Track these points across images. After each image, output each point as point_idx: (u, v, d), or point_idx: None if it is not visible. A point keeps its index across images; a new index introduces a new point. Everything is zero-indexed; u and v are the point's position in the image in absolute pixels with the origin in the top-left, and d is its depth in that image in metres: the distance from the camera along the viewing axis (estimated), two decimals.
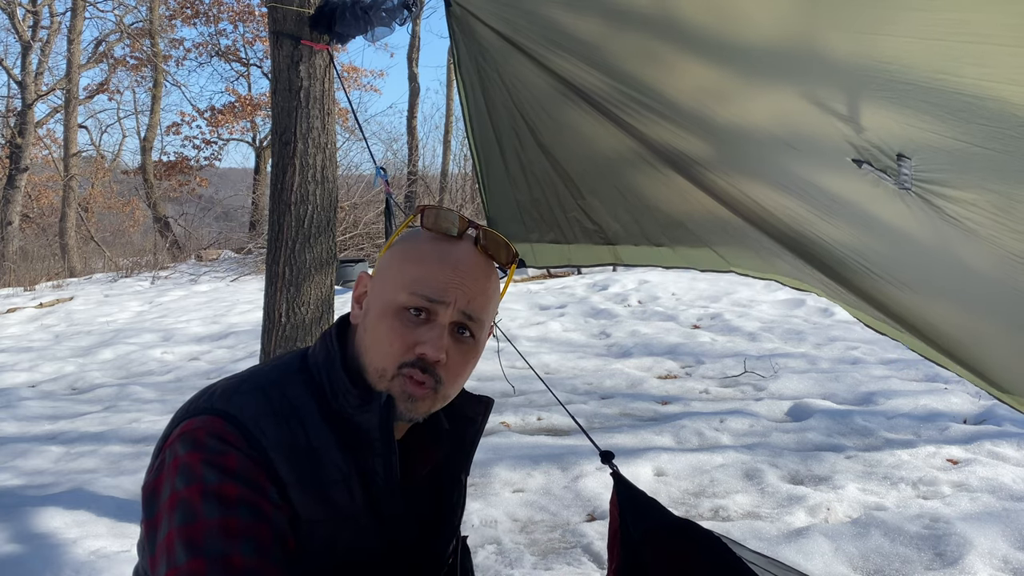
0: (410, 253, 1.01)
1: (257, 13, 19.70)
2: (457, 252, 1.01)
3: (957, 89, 0.70)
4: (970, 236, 0.92)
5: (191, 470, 0.90)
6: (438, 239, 1.01)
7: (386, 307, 0.99)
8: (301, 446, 0.95)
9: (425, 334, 0.97)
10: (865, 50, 0.77)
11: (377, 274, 1.04)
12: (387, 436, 0.98)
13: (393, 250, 1.04)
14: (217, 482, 0.89)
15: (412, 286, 0.98)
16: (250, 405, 0.95)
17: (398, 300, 0.98)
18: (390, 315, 0.98)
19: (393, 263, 1.02)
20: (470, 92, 2.22)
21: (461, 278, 0.99)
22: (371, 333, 1.00)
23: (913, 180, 0.90)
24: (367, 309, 1.02)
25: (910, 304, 1.44)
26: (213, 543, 0.86)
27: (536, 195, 2.33)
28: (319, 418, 0.98)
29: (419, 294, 0.97)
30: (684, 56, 1.22)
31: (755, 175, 1.47)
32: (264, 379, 1.00)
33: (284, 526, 0.92)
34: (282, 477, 0.93)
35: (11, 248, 16.92)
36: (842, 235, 1.35)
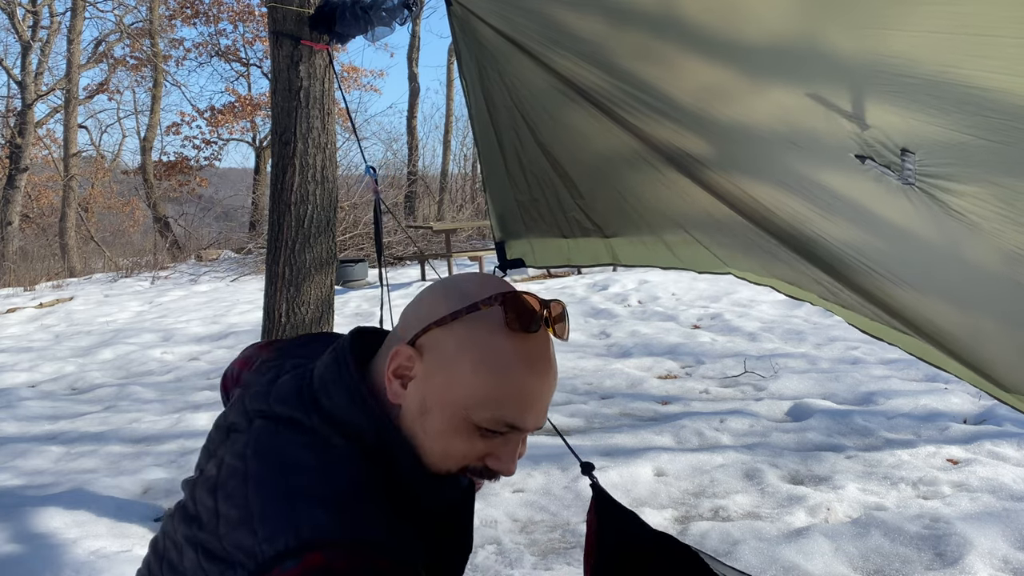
0: (488, 356, 0.86)
1: (257, 13, 19.70)
2: (539, 352, 0.88)
3: (963, 82, 0.70)
4: (974, 230, 0.91)
5: None
6: (517, 336, 0.87)
7: (457, 419, 0.87)
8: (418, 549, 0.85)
9: (500, 449, 0.89)
10: (870, 46, 0.77)
11: (433, 359, 0.88)
12: (469, 516, 0.95)
13: (458, 338, 0.87)
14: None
15: (492, 408, 0.86)
16: (373, 516, 0.81)
17: (473, 418, 0.86)
18: (463, 430, 0.87)
19: (464, 364, 0.86)
20: (471, 91, 2.22)
21: (546, 388, 0.89)
22: (436, 443, 0.88)
23: (917, 175, 0.90)
24: (424, 406, 0.88)
25: (911, 302, 1.44)
26: None
27: (536, 195, 2.33)
28: (402, 511, 0.86)
29: (503, 423, 0.86)
30: (686, 54, 1.22)
31: (757, 173, 1.47)
32: (348, 484, 0.84)
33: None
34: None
35: (11, 248, 16.92)
36: (843, 233, 1.35)
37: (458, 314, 0.88)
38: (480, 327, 0.87)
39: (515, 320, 0.87)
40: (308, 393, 0.92)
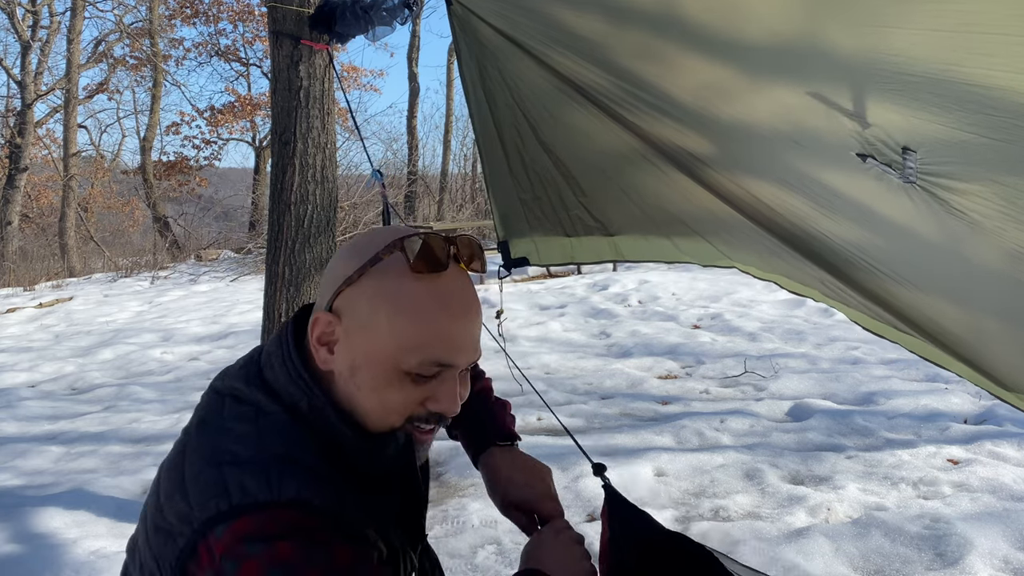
0: (399, 304, 0.86)
1: (257, 13, 19.70)
2: (454, 290, 0.88)
3: (964, 80, 0.70)
4: (975, 229, 0.91)
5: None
6: (425, 277, 0.86)
7: (388, 371, 0.87)
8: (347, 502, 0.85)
9: (438, 390, 0.88)
10: (871, 44, 0.77)
11: (352, 321, 0.88)
12: (412, 472, 0.93)
13: (370, 294, 0.87)
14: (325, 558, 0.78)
15: (418, 351, 0.86)
16: (303, 479, 0.82)
17: (402, 366, 0.86)
18: (395, 379, 0.87)
19: (379, 316, 0.86)
20: (472, 90, 2.22)
21: (469, 326, 0.89)
22: (369, 396, 0.88)
23: (918, 173, 0.89)
24: (353, 365, 0.88)
25: (913, 301, 1.44)
26: None
27: (538, 193, 2.33)
28: (339, 473, 0.87)
29: (430, 362, 0.86)
30: (687, 53, 1.22)
31: (758, 172, 1.46)
32: (276, 448, 0.85)
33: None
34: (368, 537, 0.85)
35: (11, 248, 16.92)
36: (845, 231, 1.35)
37: (363, 269, 0.88)
38: (386, 277, 0.87)
39: (420, 263, 0.86)
40: (254, 368, 0.93)
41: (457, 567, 2.95)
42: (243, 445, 0.85)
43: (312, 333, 0.91)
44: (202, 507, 0.80)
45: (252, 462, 0.83)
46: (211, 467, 0.83)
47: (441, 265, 0.87)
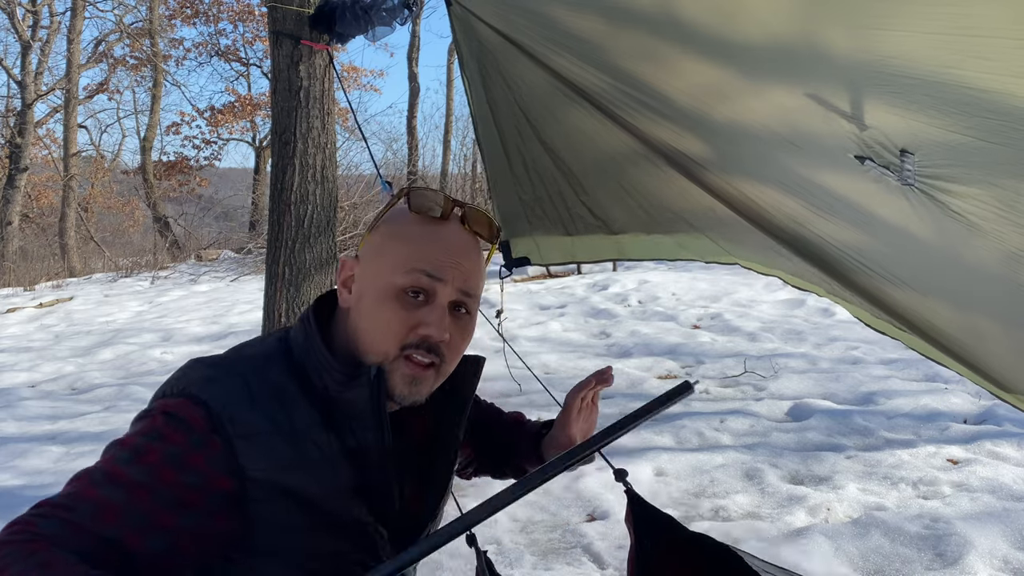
0: (400, 234, 1.00)
1: (257, 13, 19.70)
2: (446, 232, 1.01)
3: (961, 83, 0.70)
4: (973, 231, 0.91)
5: (135, 445, 0.90)
6: (425, 220, 1.00)
7: (384, 290, 0.98)
8: (281, 429, 0.94)
9: (427, 315, 0.98)
10: (868, 46, 0.77)
11: (365, 258, 1.03)
12: (378, 409, 0.97)
13: (380, 233, 1.03)
14: (160, 452, 0.89)
15: (409, 265, 0.98)
16: (223, 392, 0.94)
17: (396, 282, 0.98)
18: (390, 298, 0.98)
19: (383, 245, 1.01)
20: (473, 90, 2.22)
21: (456, 257, 1.00)
22: (369, 318, 0.99)
23: (916, 176, 0.89)
24: (360, 294, 1.01)
25: (911, 302, 1.44)
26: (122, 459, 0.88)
27: (540, 193, 2.33)
28: (302, 399, 0.97)
29: (418, 270, 0.97)
30: (685, 55, 1.22)
31: (755, 174, 1.46)
32: (245, 364, 0.98)
33: (217, 502, 0.91)
34: (243, 464, 0.91)
35: (11, 248, 16.92)
36: (843, 233, 1.35)
37: (380, 215, 1.04)
38: (394, 218, 1.02)
39: (417, 203, 1.00)
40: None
41: (457, 567, 2.95)
42: (221, 355, 1.01)
43: (339, 277, 1.06)
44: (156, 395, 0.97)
45: (208, 368, 0.97)
46: (185, 363, 1.00)
47: (435, 209, 1.00)
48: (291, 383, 0.97)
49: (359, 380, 0.97)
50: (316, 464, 0.96)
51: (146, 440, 0.90)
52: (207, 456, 0.90)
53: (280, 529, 0.94)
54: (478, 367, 1.15)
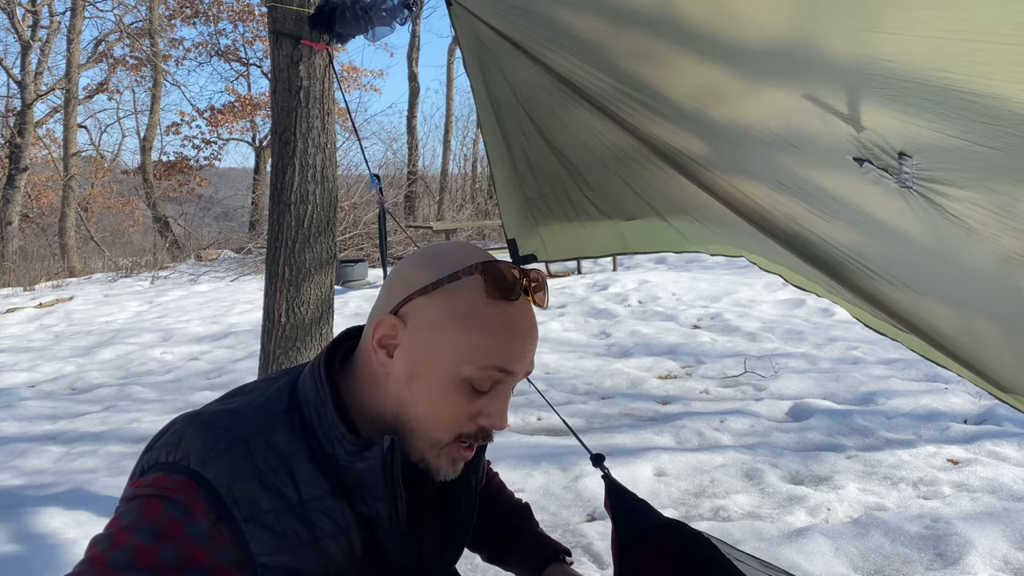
0: (470, 321, 0.90)
1: (257, 13, 19.70)
2: (517, 314, 0.93)
3: (959, 87, 0.70)
4: (971, 235, 0.92)
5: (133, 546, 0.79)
6: (496, 303, 0.91)
7: (448, 380, 0.90)
8: (291, 504, 0.86)
9: (490, 405, 0.92)
10: (866, 48, 0.77)
11: (417, 329, 0.92)
12: (391, 482, 0.90)
13: (439, 308, 0.91)
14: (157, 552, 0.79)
15: (483, 361, 0.90)
16: (227, 467, 0.84)
17: (463, 374, 0.90)
18: (453, 389, 0.90)
19: (445, 325, 0.90)
20: (476, 89, 2.23)
21: (528, 344, 0.94)
22: (425, 405, 0.91)
23: (915, 179, 0.90)
24: (411, 372, 0.91)
25: (910, 304, 1.44)
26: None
27: (544, 190, 2.33)
28: (310, 465, 0.89)
29: (493, 367, 0.90)
30: (684, 55, 1.22)
31: (753, 174, 1.46)
32: (248, 427, 0.89)
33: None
34: (254, 551, 0.84)
35: (11, 248, 16.92)
36: (841, 235, 1.35)
37: (439, 283, 0.92)
38: (461, 295, 0.91)
39: (495, 290, 0.91)
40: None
41: (457, 567, 2.95)
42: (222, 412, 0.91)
43: (374, 334, 0.93)
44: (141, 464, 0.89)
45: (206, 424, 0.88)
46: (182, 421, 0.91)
47: (514, 295, 0.92)
48: (299, 448, 0.89)
49: (371, 451, 0.89)
50: (330, 537, 0.89)
51: (142, 540, 0.80)
52: (211, 551, 0.82)
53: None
54: None
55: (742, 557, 1.43)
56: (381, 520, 0.92)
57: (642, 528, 1.36)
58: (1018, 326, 1.09)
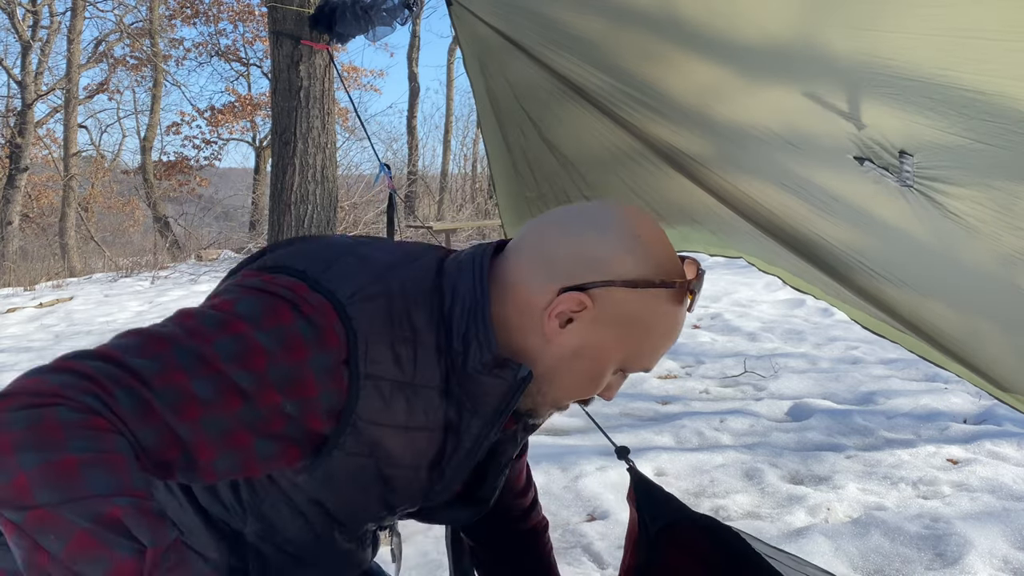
0: (655, 328, 0.90)
1: (257, 13, 19.69)
2: (683, 318, 0.93)
3: (959, 85, 0.70)
4: (972, 233, 0.92)
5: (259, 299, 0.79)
6: (681, 309, 0.91)
7: (606, 368, 0.91)
8: (406, 382, 0.84)
9: (615, 383, 0.95)
10: (867, 47, 0.77)
11: (608, 322, 0.88)
12: (503, 407, 0.88)
13: (642, 311, 0.88)
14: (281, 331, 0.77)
15: (641, 363, 0.92)
16: (369, 316, 0.81)
17: (622, 364, 0.92)
18: (605, 375, 0.92)
19: (636, 329, 0.89)
20: (476, 89, 2.23)
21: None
22: (575, 383, 0.92)
23: (915, 177, 0.90)
24: (580, 354, 0.89)
25: (910, 303, 1.45)
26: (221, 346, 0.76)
27: (543, 190, 2.34)
28: (434, 353, 0.86)
29: (643, 366, 0.93)
30: (685, 54, 1.22)
31: (754, 173, 1.47)
32: (397, 287, 0.85)
33: (303, 441, 0.81)
34: (356, 410, 0.81)
35: (11, 248, 16.92)
36: (842, 233, 1.35)
37: (651, 284, 0.88)
38: (661, 300, 0.89)
39: (691, 303, 0.92)
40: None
41: None
42: (377, 259, 0.88)
43: (555, 306, 0.88)
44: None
45: (363, 261, 0.87)
46: (336, 244, 0.90)
47: (692, 303, 0.93)
48: (430, 333, 0.85)
49: (504, 372, 0.87)
50: (418, 429, 0.88)
51: (261, 340, 0.76)
52: (322, 389, 0.79)
53: (342, 478, 0.87)
54: None
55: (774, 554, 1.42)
56: (467, 436, 0.90)
57: (669, 522, 1.35)
58: (1018, 326, 1.09)
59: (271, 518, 0.92)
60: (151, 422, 0.72)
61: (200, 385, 0.74)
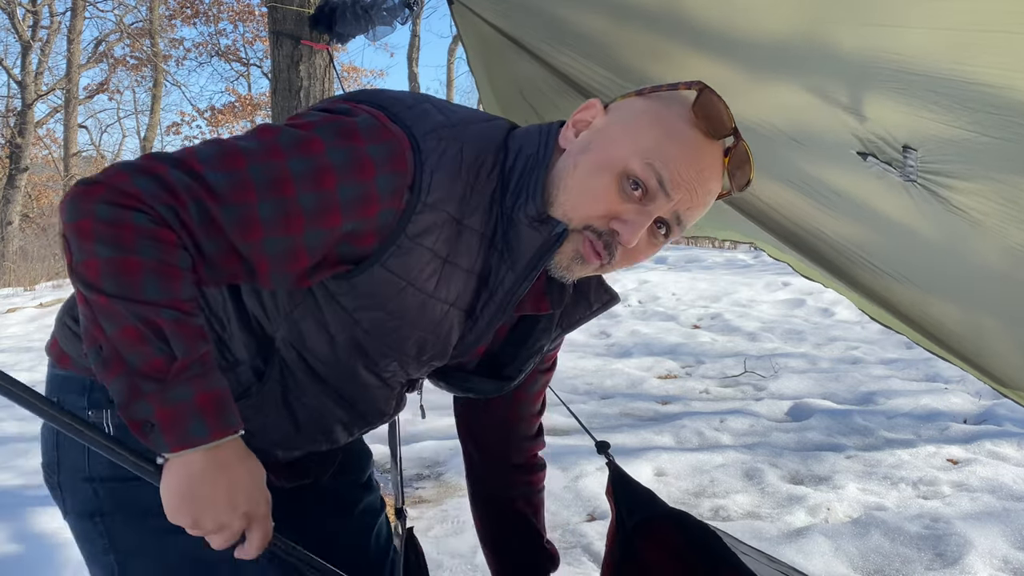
0: (664, 123, 0.90)
1: (257, 13, 19.69)
2: (707, 152, 0.91)
3: (965, 78, 0.70)
4: (976, 227, 0.91)
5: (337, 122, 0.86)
6: (699, 129, 0.90)
7: (610, 162, 0.90)
8: (457, 216, 0.89)
9: (631, 213, 0.90)
10: (872, 42, 0.77)
11: (615, 115, 0.94)
12: (536, 261, 0.92)
13: (648, 103, 0.93)
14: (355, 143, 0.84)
15: (652, 158, 0.89)
16: (439, 153, 0.87)
17: (627, 163, 0.89)
18: (611, 173, 0.90)
19: (641, 118, 0.91)
20: (482, 87, 2.23)
21: (697, 181, 0.91)
22: (579, 177, 0.91)
23: (919, 172, 0.90)
24: (586, 146, 0.93)
25: (913, 299, 1.44)
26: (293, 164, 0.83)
27: None
28: (488, 201, 0.91)
29: (656, 171, 0.89)
30: (689, 51, 1.22)
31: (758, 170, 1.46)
32: (469, 136, 0.91)
33: (349, 258, 0.88)
34: (408, 231, 0.87)
35: (11, 248, 16.91)
36: (846, 229, 1.35)
37: (658, 88, 0.94)
38: (671, 102, 0.92)
39: (701, 115, 0.90)
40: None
41: (457, 567, 2.95)
42: (455, 110, 0.94)
43: (576, 113, 0.97)
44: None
45: (440, 109, 0.92)
46: (416, 94, 0.95)
47: (713, 132, 0.90)
48: (489, 184, 0.91)
49: (544, 226, 0.91)
50: (457, 267, 0.92)
51: (335, 159, 0.84)
52: (382, 208, 0.86)
53: (377, 296, 0.91)
54: (609, 303, 1.11)
55: (746, 550, 1.43)
56: (501, 286, 0.95)
57: (645, 517, 1.36)
58: (1021, 320, 1.09)
59: (300, 327, 0.96)
60: (215, 236, 0.82)
61: (266, 208, 0.82)
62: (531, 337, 1.11)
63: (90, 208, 0.79)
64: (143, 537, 0.99)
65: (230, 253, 0.84)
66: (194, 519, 0.83)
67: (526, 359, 1.13)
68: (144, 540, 1.00)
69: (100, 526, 1.03)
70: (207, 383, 0.82)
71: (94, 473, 1.01)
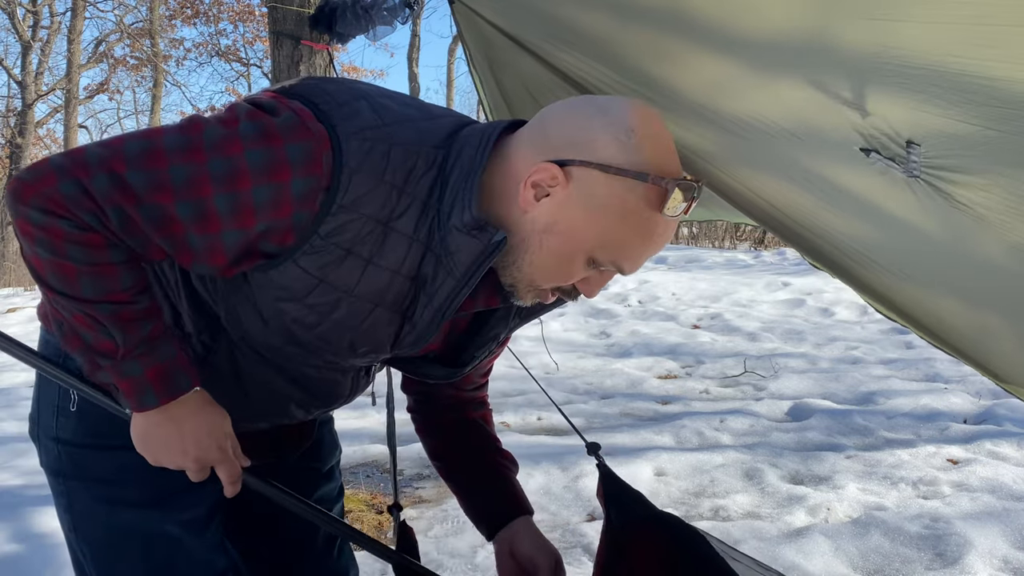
0: (630, 220, 0.90)
1: (257, 13, 19.69)
2: (665, 229, 0.94)
3: (969, 72, 0.70)
4: (980, 222, 0.91)
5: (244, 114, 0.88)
6: (664, 217, 0.91)
7: (577, 251, 0.92)
8: (381, 217, 0.89)
9: (594, 278, 0.96)
10: (875, 37, 0.77)
11: (578, 190, 0.90)
12: (475, 268, 0.92)
13: (614, 198, 0.89)
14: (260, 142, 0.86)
15: (616, 255, 0.92)
16: (363, 157, 0.87)
17: (593, 254, 0.92)
18: (577, 259, 0.93)
19: (608, 215, 0.90)
20: (486, 84, 2.23)
21: (655, 252, 0.96)
22: (547, 259, 0.93)
23: (922, 167, 0.90)
24: (550, 224, 0.91)
25: (915, 296, 1.44)
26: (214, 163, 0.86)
27: None
28: (420, 206, 0.91)
29: (619, 265, 0.93)
30: (692, 49, 1.22)
31: (761, 168, 1.46)
32: (402, 137, 0.89)
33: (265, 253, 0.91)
34: (320, 232, 0.88)
35: (11, 248, 16.91)
36: (849, 227, 1.35)
37: (625, 173, 0.89)
38: (637, 195, 0.90)
39: (669, 209, 0.90)
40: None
41: (457, 567, 2.95)
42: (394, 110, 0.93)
43: (532, 175, 0.91)
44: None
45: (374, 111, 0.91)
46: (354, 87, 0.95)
47: (683, 216, 0.93)
48: (424, 188, 0.90)
49: (482, 234, 0.90)
50: (384, 269, 0.92)
51: (251, 162, 0.85)
52: (296, 211, 0.87)
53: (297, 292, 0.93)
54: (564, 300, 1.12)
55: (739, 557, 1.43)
56: (437, 293, 0.95)
57: (635, 520, 1.36)
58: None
59: (238, 311, 1.00)
60: (137, 235, 0.88)
61: (184, 208, 0.86)
62: (486, 326, 1.14)
63: (24, 211, 0.86)
64: (94, 504, 1.09)
65: (155, 248, 0.90)
66: (152, 458, 0.99)
67: (480, 347, 1.15)
68: (94, 507, 1.09)
69: (62, 485, 1.11)
70: (155, 358, 0.94)
71: (60, 435, 1.10)
